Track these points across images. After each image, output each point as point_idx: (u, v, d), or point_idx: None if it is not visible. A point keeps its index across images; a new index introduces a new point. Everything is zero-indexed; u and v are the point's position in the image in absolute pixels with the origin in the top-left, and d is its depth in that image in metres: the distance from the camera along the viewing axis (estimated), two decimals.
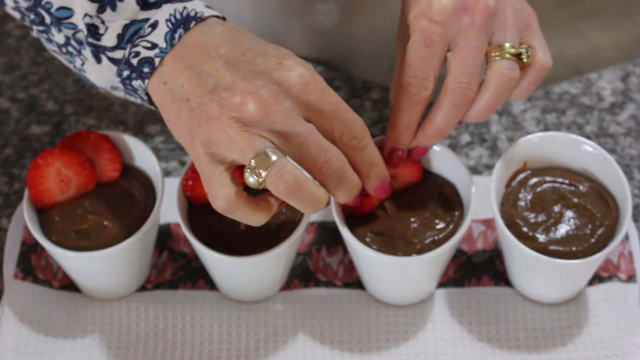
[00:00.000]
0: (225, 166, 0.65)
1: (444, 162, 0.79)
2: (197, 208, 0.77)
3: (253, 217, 0.67)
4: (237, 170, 0.77)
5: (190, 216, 0.77)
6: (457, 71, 0.71)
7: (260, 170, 0.63)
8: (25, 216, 0.76)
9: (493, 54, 0.72)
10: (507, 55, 0.71)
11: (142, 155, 0.80)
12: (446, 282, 0.82)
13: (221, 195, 0.65)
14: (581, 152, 0.79)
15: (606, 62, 1.01)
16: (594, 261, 0.74)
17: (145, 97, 0.69)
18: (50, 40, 0.72)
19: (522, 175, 0.79)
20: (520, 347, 0.78)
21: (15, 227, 0.84)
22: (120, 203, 0.78)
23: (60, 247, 0.75)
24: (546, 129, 0.92)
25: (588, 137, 0.90)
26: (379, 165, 0.70)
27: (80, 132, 0.79)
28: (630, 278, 0.80)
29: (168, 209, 0.85)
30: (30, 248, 0.83)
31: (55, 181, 0.76)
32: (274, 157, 0.63)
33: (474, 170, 0.89)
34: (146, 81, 0.67)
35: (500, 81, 0.71)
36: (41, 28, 0.71)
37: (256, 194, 0.68)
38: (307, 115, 0.65)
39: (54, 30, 0.70)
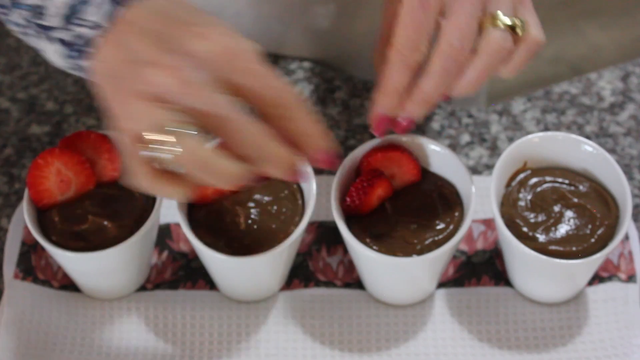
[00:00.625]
0: (143, 142, 0.63)
1: (444, 162, 0.79)
2: (197, 208, 0.77)
3: (174, 193, 0.65)
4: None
5: (190, 216, 0.77)
6: (450, 35, 0.69)
7: (170, 147, 0.61)
8: (25, 216, 0.75)
9: (487, 24, 0.70)
10: (501, 26, 0.69)
11: None
12: (446, 282, 0.82)
13: (140, 172, 0.64)
14: (581, 152, 0.79)
15: (606, 62, 1.01)
16: (594, 261, 0.74)
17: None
18: (12, 22, 0.71)
19: (522, 175, 0.79)
20: (520, 347, 0.78)
21: (15, 227, 0.84)
22: (120, 203, 0.78)
23: (60, 247, 0.75)
24: (546, 129, 0.91)
25: (588, 137, 0.90)
26: (313, 135, 0.66)
27: (80, 132, 0.79)
28: (630, 278, 0.80)
29: (168, 209, 0.85)
30: (30, 248, 0.83)
31: (55, 181, 0.76)
32: (182, 133, 0.61)
33: (474, 170, 0.89)
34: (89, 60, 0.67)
35: (493, 51, 0.69)
36: (3, 10, 0.70)
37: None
38: (229, 87, 0.63)
39: (13, 12, 0.69)
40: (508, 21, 0.70)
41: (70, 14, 0.67)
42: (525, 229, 0.76)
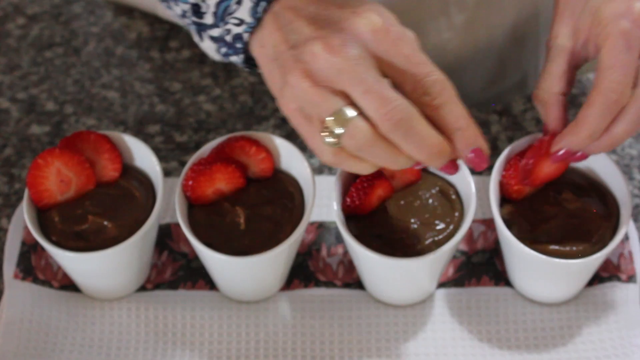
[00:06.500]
0: (322, 124, 0.65)
1: None
2: (197, 208, 0.77)
3: (360, 166, 0.66)
4: (237, 170, 0.77)
5: (190, 216, 0.77)
6: None
7: (336, 129, 0.63)
8: (25, 216, 0.76)
9: None
10: None
11: (142, 155, 0.80)
12: (446, 282, 0.82)
13: (326, 150, 0.65)
14: None
15: None
16: (594, 261, 0.74)
17: (247, 69, 0.72)
18: (173, 12, 0.75)
19: None
20: (520, 347, 0.78)
21: (15, 227, 0.84)
22: (120, 203, 0.78)
23: (60, 247, 0.75)
24: None
25: None
26: (464, 130, 0.64)
27: (80, 132, 0.79)
28: (630, 278, 0.80)
29: (168, 209, 0.85)
30: (30, 248, 0.83)
31: (55, 181, 0.76)
32: (348, 116, 0.62)
33: (474, 170, 0.89)
34: (241, 56, 0.69)
35: None
36: (168, 3, 0.75)
37: None
38: (379, 66, 0.64)
39: (172, 3, 0.74)
40: None
41: (219, 12, 0.69)
42: (525, 229, 0.75)
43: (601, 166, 0.78)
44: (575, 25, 0.71)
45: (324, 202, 0.85)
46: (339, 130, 0.63)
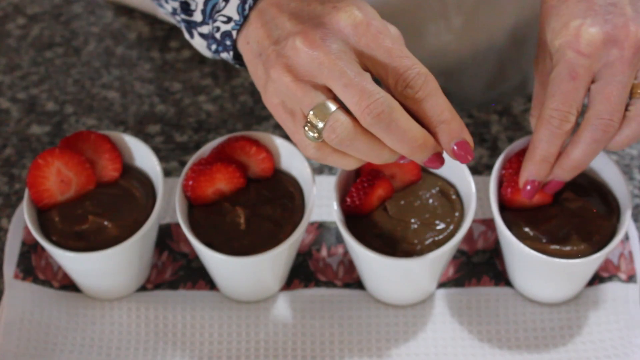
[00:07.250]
0: (304, 118, 0.65)
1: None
2: (197, 208, 0.77)
3: (344, 161, 0.66)
4: (237, 170, 0.77)
5: (190, 216, 0.77)
6: (600, 107, 0.68)
7: (318, 123, 0.63)
8: (25, 216, 0.76)
9: (638, 90, 0.69)
10: None
11: (142, 155, 0.80)
12: (446, 282, 0.82)
13: (309, 145, 0.65)
14: None
15: None
16: (594, 261, 0.74)
17: (237, 66, 0.72)
18: (164, 9, 0.75)
19: None
20: (520, 347, 0.78)
21: (15, 227, 0.84)
22: (120, 203, 0.78)
23: (60, 247, 0.75)
24: None
25: None
26: (448, 122, 0.64)
27: (80, 132, 0.79)
28: (630, 278, 0.80)
29: (168, 209, 0.85)
30: (30, 248, 0.83)
31: (55, 181, 0.76)
32: (329, 109, 0.63)
33: (474, 170, 0.89)
34: (231, 52, 0.70)
35: None
36: (159, 1, 0.75)
37: None
38: (361, 60, 0.64)
39: (162, 1, 0.75)
40: None
41: (208, 9, 0.70)
42: (525, 229, 0.75)
43: (601, 166, 0.78)
44: (547, 52, 0.72)
45: (324, 202, 0.85)
46: (320, 124, 0.63)
